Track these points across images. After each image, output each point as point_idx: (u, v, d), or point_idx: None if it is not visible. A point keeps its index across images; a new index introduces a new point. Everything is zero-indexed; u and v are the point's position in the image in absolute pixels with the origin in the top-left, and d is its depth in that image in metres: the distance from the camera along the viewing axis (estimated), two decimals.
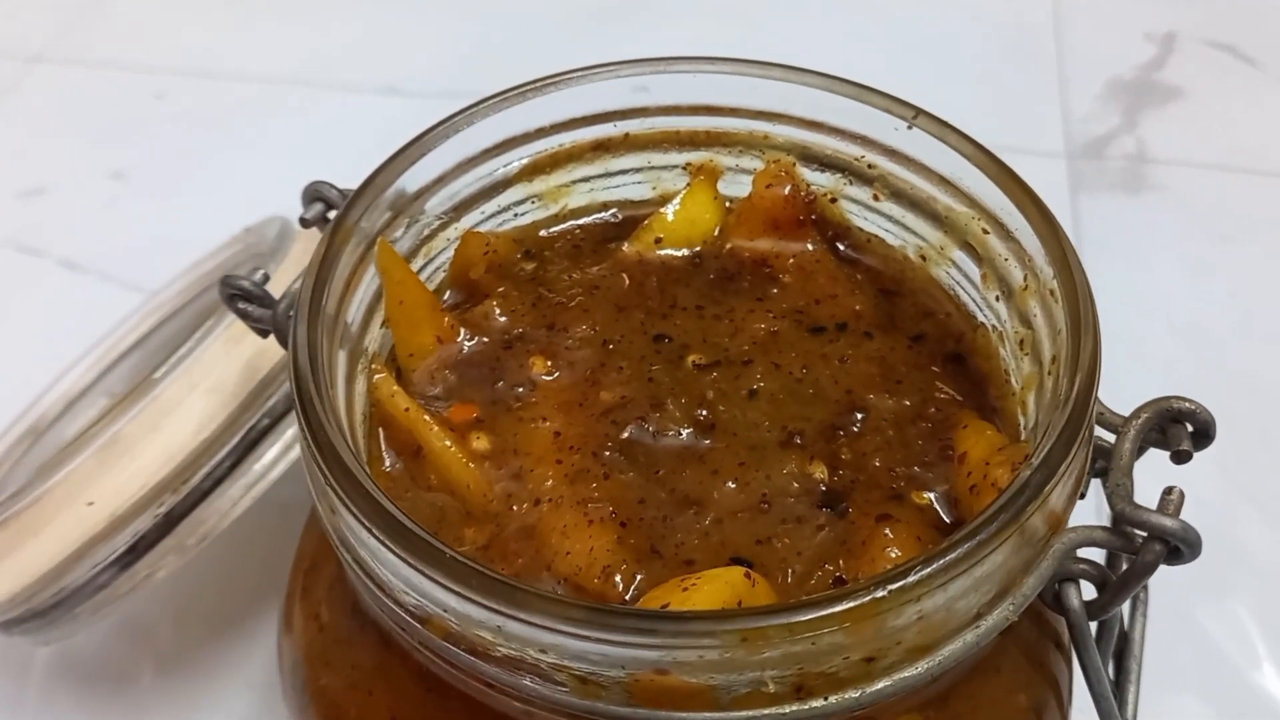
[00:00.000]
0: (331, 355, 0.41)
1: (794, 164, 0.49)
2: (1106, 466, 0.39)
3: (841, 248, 0.50)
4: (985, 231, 0.44)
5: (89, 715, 0.62)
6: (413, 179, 0.45)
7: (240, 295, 0.45)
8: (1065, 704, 0.43)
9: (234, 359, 0.51)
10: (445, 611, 0.34)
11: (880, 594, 0.31)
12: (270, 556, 0.65)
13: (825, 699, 0.33)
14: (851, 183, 0.49)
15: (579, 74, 0.48)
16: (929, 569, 0.32)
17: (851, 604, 0.31)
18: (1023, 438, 0.42)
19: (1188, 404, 0.38)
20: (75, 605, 0.51)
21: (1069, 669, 0.43)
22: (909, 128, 0.46)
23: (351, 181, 0.91)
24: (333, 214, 0.48)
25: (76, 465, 0.49)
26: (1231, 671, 0.64)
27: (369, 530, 0.34)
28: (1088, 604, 0.39)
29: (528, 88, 0.47)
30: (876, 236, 0.50)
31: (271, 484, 0.52)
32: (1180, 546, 0.35)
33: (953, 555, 0.32)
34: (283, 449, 0.52)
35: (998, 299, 0.44)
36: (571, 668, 0.33)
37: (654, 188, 0.52)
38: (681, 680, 0.32)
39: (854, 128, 0.47)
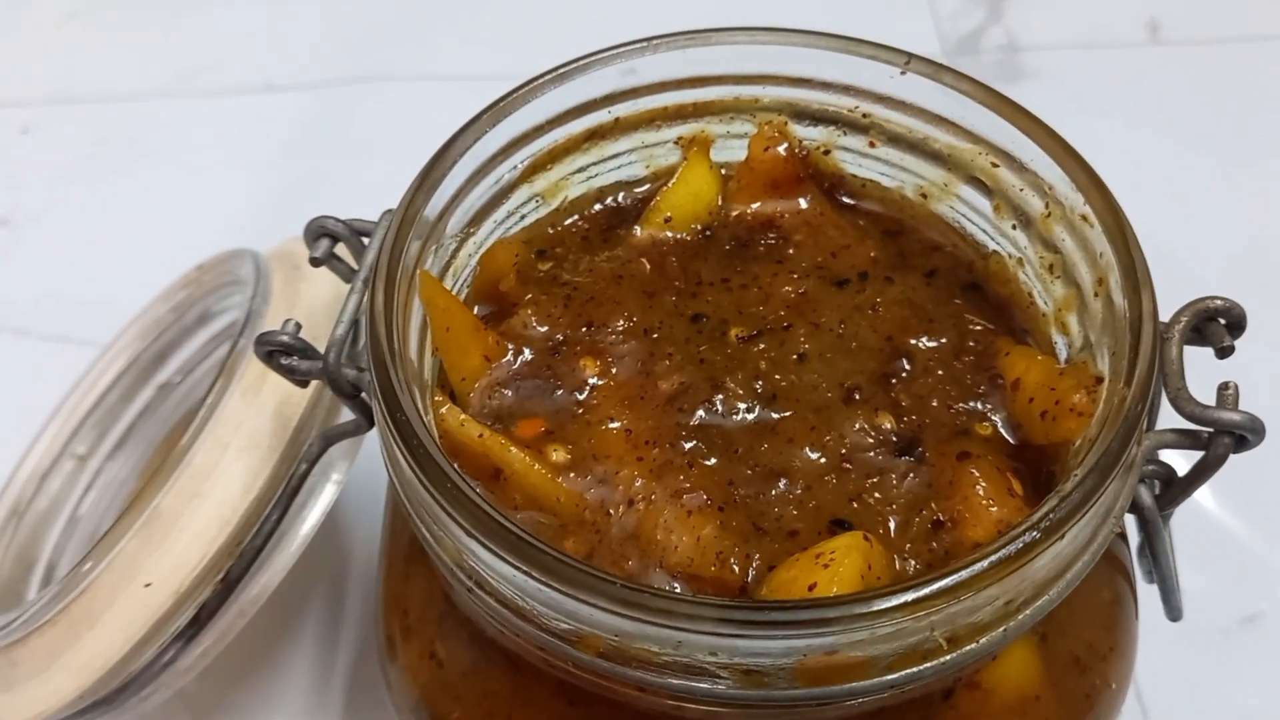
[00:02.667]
0: (412, 394, 0.40)
1: (786, 123, 0.50)
2: None
3: (843, 199, 0.51)
4: (995, 165, 0.46)
5: None
6: (434, 203, 0.44)
7: (281, 350, 0.44)
8: (1135, 590, 0.46)
9: (259, 411, 0.50)
10: (615, 636, 0.34)
11: (1032, 537, 0.34)
12: (276, 594, 0.65)
13: (976, 642, 0.36)
14: (845, 133, 0.50)
15: (568, 68, 0.47)
16: (1067, 507, 0.34)
17: (1004, 553, 0.34)
18: (1065, 357, 0.45)
19: (1220, 301, 0.41)
20: (143, 687, 0.49)
21: (1131, 554, 0.47)
22: (902, 74, 0.47)
23: (262, 190, 0.89)
24: (340, 248, 0.47)
25: (121, 548, 0.48)
26: (1188, 509, 0.70)
27: (533, 578, 0.34)
28: (1156, 498, 0.42)
29: (525, 90, 0.46)
30: (871, 180, 0.51)
31: (317, 526, 0.51)
32: (1248, 436, 0.38)
33: (1086, 488, 0.35)
34: (323, 489, 0.52)
35: (1014, 227, 0.47)
36: (741, 665, 0.34)
37: (647, 165, 0.52)
38: (847, 656, 0.34)
39: (844, 80, 0.48)
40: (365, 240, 0.47)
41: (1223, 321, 0.41)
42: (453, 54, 0.98)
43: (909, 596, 0.33)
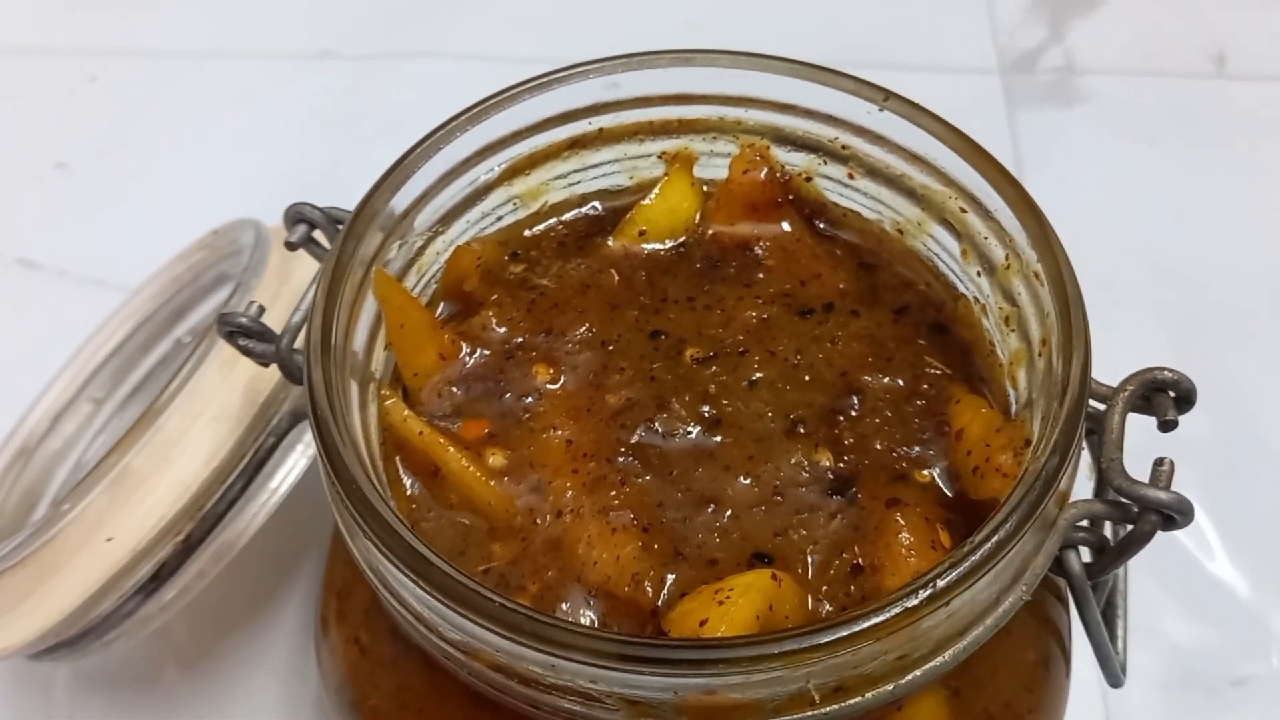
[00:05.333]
0: (345, 389, 0.41)
1: (768, 147, 0.50)
2: (1093, 429, 0.41)
3: (820, 225, 0.51)
4: (963, 210, 0.45)
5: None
6: (400, 199, 0.45)
7: (239, 331, 0.45)
8: (1068, 651, 0.46)
9: (231, 385, 0.51)
10: (497, 651, 0.35)
11: (912, 603, 0.34)
12: (268, 552, 0.67)
13: (863, 696, 0.36)
14: (826, 162, 0.50)
15: (549, 78, 0.48)
16: (956, 573, 0.34)
17: (885, 616, 0.33)
18: (1014, 411, 0.44)
19: (1169, 373, 0.40)
20: (104, 633, 0.52)
21: (1068, 616, 0.46)
22: (880, 110, 0.46)
23: (310, 161, 0.90)
24: (317, 233, 0.49)
25: (89, 502, 0.50)
26: (1189, 564, 0.68)
27: (419, 585, 0.35)
28: (1086, 566, 0.41)
29: (502, 96, 0.47)
30: (853, 211, 0.51)
31: (283, 498, 0.53)
32: (1175, 516, 0.37)
33: (979, 555, 0.34)
34: (292, 462, 0.53)
35: (979, 274, 0.46)
36: (622, 694, 0.35)
37: (631, 176, 0.52)
38: (728, 697, 0.35)
39: (825, 109, 0.48)
40: (340, 228, 0.48)
41: (1171, 394, 0.40)
42: (509, 31, 0.98)
43: (784, 646, 0.33)
